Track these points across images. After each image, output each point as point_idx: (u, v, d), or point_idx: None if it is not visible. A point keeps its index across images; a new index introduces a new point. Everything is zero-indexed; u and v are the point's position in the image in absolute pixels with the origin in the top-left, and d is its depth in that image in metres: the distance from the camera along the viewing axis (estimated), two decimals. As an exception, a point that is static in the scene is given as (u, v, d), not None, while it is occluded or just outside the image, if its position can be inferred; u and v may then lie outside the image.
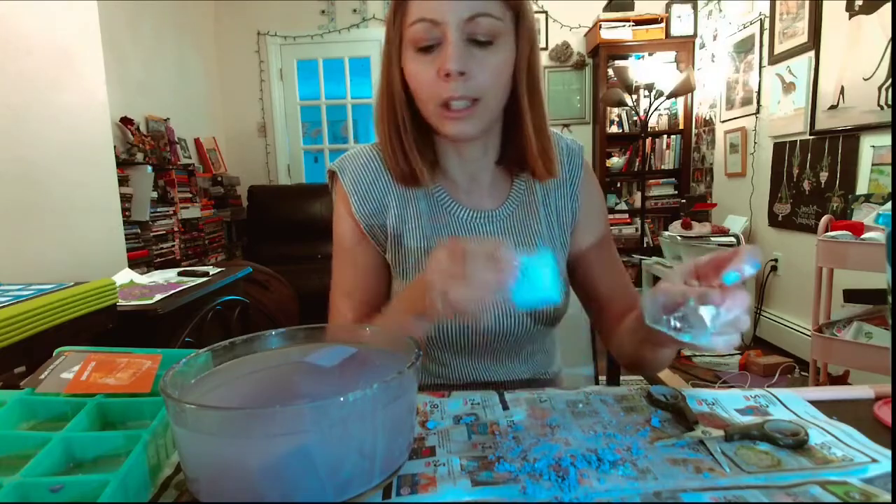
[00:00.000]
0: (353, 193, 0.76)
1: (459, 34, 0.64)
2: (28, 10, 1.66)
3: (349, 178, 0.77)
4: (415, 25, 0.65)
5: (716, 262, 0.49)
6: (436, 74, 0.65)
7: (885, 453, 0.44)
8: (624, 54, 3.74)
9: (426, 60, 0.66)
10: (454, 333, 0.74)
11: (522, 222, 0.80)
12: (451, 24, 0.63)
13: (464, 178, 0.79)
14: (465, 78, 0.64)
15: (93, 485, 0.39)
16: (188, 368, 0.47)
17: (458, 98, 0.65)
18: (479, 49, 0.65)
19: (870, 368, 1.70)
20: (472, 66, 0.65)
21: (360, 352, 0.52)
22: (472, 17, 0.64)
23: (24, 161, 1.63)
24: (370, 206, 0.76)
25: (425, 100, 0.68)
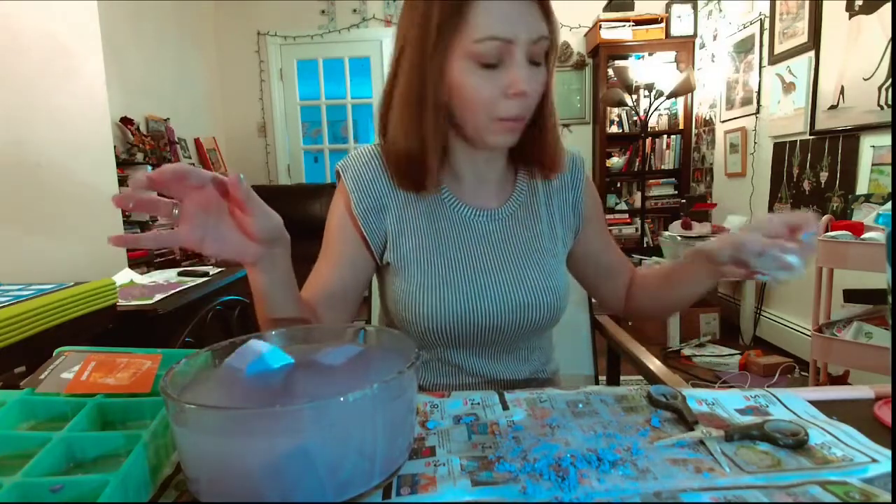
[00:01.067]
0: (354, 191, 0.77)
1: (524, 56, 0.67)
2: (28, 9, 1.66)
3: (350, 175, 0.78)
4: (485, 43, 0.65)
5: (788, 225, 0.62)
6: (499, 91, 0.67)
7: (885, 453, 0.44)
8: (624, 54, 3.74)
9: (489, 76, 0.67)
10: (454, 327, 0.74)
11: (524, 222, 0.81)
12: (521, 45, 0.66)
13: (472, 178, 0.80)
14: (525, 97, 0.68)
15: (93, 485, 0.39)
16: (188, 368, 0.47)
17: (516, 116, 0.69)
18: (535, 67, 0.69)
19: (870, 368, 1.70)
20: (532, 85, 0.68)
21: (364, 351, 0.52)
22: (537, 40, 0.67)
23: (23, 161, 1.63)
24: (369, 202, 0.77)
25: (479, 113, 0.69)
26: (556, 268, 0.81)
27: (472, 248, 0.78)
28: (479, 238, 0.79)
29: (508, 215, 0.81)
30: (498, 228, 0.80)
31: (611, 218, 3.92)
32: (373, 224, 0.77)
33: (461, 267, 0.76)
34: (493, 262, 0.78)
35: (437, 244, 0.77)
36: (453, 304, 0.74)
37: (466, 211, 0.79)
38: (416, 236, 0.77)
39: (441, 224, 0.78)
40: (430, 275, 0.75)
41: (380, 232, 0.78)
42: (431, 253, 0.76)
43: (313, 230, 3.92)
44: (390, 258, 0.78)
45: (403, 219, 0.78)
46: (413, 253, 0.76)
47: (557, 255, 0.82)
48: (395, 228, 0.77)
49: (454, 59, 0.67)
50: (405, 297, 0.75)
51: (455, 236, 0.78)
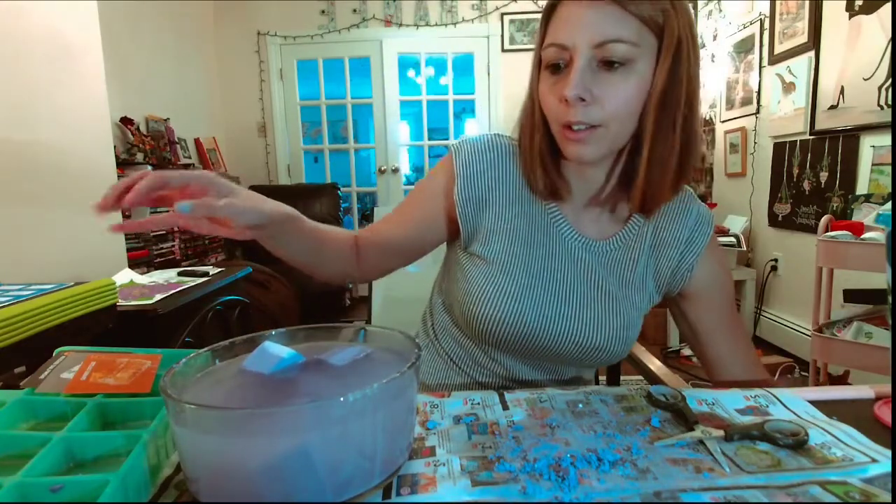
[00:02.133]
0: (461, 176, 0.76)
1: (586, 60, 0.62)
2: (28, 9, 1.66)
3: (462, 159, 0.77)
4: (548, 49, 0.65)
5: None
6: (558, 98, 0.65)
7: (885, 453, 0.44)
8: (624, 54, 3.74)
9: (553, 82, 0.66)
10: (518, 338, 0.74)
11: (620, 263, 0.77)
12: (579, 50, 0.62)
13: (581, 200, 0.77)
14: (585, 104, 0.63)
15: (93, 485, 0.39)
16: (188, 368, 0.47)
17: (576, 123, 0.64)
18: (608, 72, 0.62)
19: (870, 368, 1.70)
20: (597, 92, 0.62)
21: (368, 351, 0.52)
22: (603, 44, 0.61)
23: (24, 161, 1.63)
24: (472, 192, 0.76)
25: (551, 120, 0.68)
26: (635, 320, 0.77)
27: (562, 271, 0.75)
28: (572, 264, 0.76)
29: (606, 252, 0.77)
30: (593, 261, 0.76)
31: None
32: (470, 214, 0.76)
33: (545, 286, 0.74)
34: (578, 293, 0.75)
35: (527, 254, 0.75)
36: (526, 318, 0.72)
37: (568, 231, 0.76)
38: (509, 239, 0.75)
39: (538, 236, 0.76)
40: (511, 281, 0.73)
41: (474, 222, 0.77)
42: (519, 260, 0.74)
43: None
44: (480, 251, 0.76)
45: (504, 217, 0.76)
46: (502, 255, 0.75)
47: (639, 308, 0.78)
48: (491, 225, 0.76)
49: (542, 70, 0.69)
50: (479, 293, 0.74)
51: (548, 253, 0.76)
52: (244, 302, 1.92)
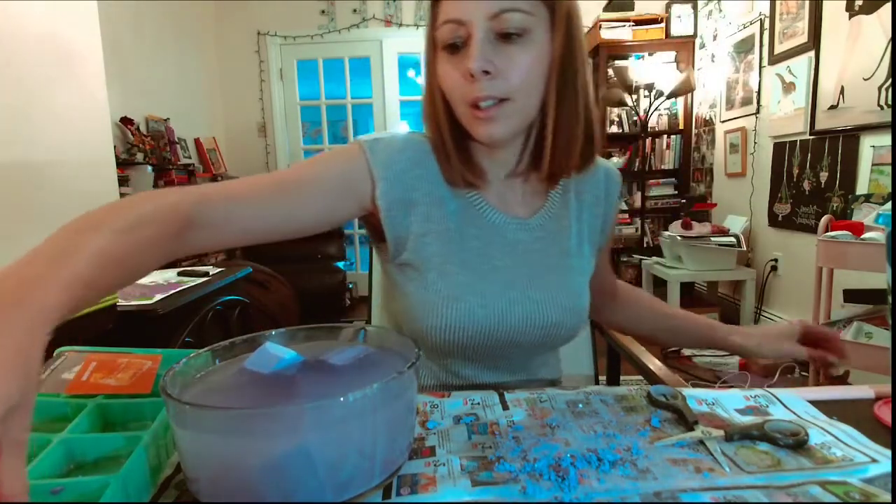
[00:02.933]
0: (383, 179, 0.69)
1: (484, 32, 0.62)
2: (28, 9, 1.66)
3: (381, 160, 0.69)
4: (443, 27, 0.64)
5: None
6: (462, 74, 0.63)
7: (885, 453, 0.44)
8: (624, 54, 3.74)
9: (454, 61, 0.65)
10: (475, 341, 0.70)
11: (555, 236, 0.76)
12: (476, 22, 0.62)
13: (498, 182, 0.75)
14: (490, 77, 0.62)
15: (93, 486, 0.39)
16: (188, 368, 0.47)
17: (484, 98, 0.62)
18: (507, 44, 0.62)
19: (870, 368, 1.70)
20: (499, 64, 0.62)
21: (368, 352, 0.52)
22: (498, 14, 0.61)
23: (24, 161, 1.63)
24: (395, 195, 0.69)
25: (456, 101, 0.66)
26: (582, 287, 0.77)
27: (501, 259, 0.73)
28: (509, 248, 0.73)
29: (538, 226, 0.76)
30: (528, 240, 0.75)
31: (611, 218, 3.91)
32: (396, 219, 0.70)
33: (488, 278, 0.71)
34: (522, 275, 0.72)
35: (462, 250, 0.71)
36: (477, 316, 0.68)
37: (496, 217, 0.74)
38: (441, 239, 0.71)
39: (469, 230, 0.72)
40: (452, 283, 0.69)
41: (402, 227, 0.71)
42: (456, 259, 0.70)
43: (313, 230, 3.81)
44: (411, 258, 0.71)
45: (431, 218, 0.71)
46: (436, 257, 0.70)
47: (584, 274, 0.78)
48: (420, 227, 0.71)
49: (437, 51, 0.67)
50: (422, 305, 0.70)
51: (483, 244, 0.72)
52: (244, 302, 1.92)
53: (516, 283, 0.72)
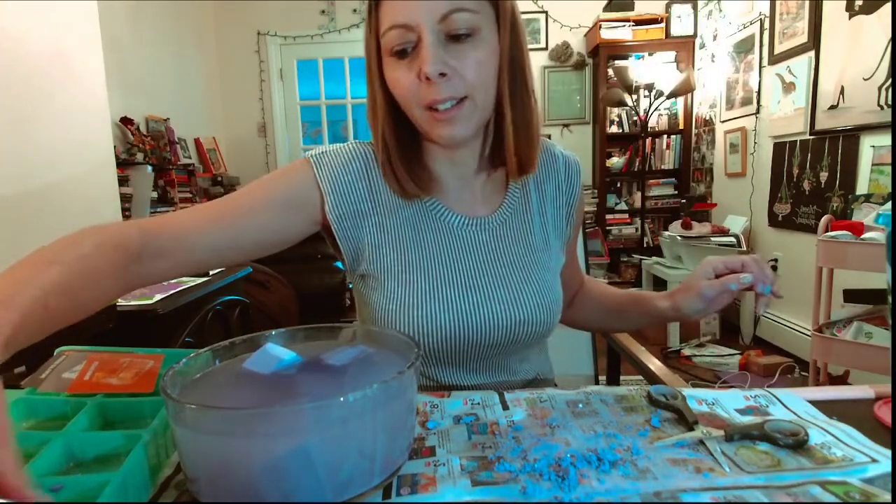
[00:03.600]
0: (331, 193, 0.69)
1: (435, 35, 0.61)
2: (28, 10, 1.66)
3: (327, 174, 0.70)
4: (389, 33, 0.63)
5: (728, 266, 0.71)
6: (416, 78, 0.62)
7: (885, 453, 0.44)
8: (624, 54, 3.74)
9: (404, 65, 0.63)
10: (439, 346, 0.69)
11: (517, 231, 0.76)
12: (425, 26, 0.61)
13: (455, 183, 0.74)
14: (446, 78, 0.62)
15: (92, 484, 0.39)
16: (188, 368, 0.47)
17: (443, 100, 0.62)
18: (458, 45, 0.62)
19: (870, 368, 1.70)
20: (454, 63, 0.62)
21: (368, 352, 0.52)
22: (446, 16, 0.61)
23: (24, 161, 1.63)
24: (346, 208, 0.70)
25: (411, 106, 0.65)
26: (551, 282, 0.75)
27: (461, 260, 0.72)
28: (469, 249, 0.73)
29: (499, 224, 0.75)
30: (489, 239, 0.74)
31: (611, 218, 3.92)
32: (348, 230, 0.71)
33: (448, 281, 0.70)
34: (484, 275, 0.72)
35: (420, 256, 0.71)
36: (440, 321, 0.68)
37: (454, 219, 0.73)
38: (397, 248, 0.71)
39: (426, 235, 0.72)
40: (412, 291, 0.69)
41: (355, 240, 0.71)
42: (414, 266, 0.70)
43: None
44: (369, 269, 0.71)
45: (385, 228, 0.71)
46: (395, 266, 0.70)
47: (552, 269, 0.77)
48: (374, 238, 0.71)
49: (382, 57, 0.66)
50: (384, 315, 0.70)
51: (441, 248, 0.72)
52: (244, 302, 1.92)
53: (479, 284, 0.71)
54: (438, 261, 0.71)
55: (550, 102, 3.99)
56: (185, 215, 0.63)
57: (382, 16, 0.64)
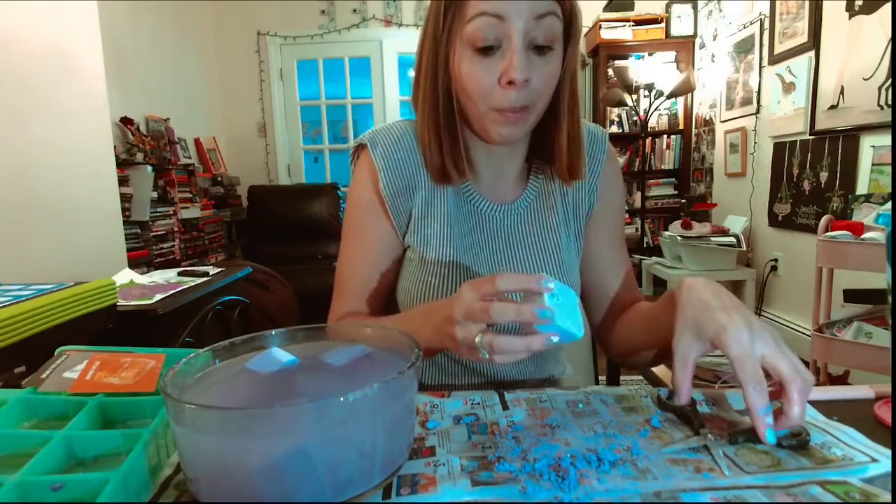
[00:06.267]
0: (383, 170, 0.73)
1: (523, 38, 0.61)
2: (28, 10, 1.66)
3: (380, 152, 0.74)
4: (475, 20, 0.61)
5: None
6: (495, 80, 0.63)
7: (885, 453, 0.44)
8: (624, 54, 3.74)
9: (485, 64, 0.63)
10: None
11: (540, 213, 0.78)
12: (517, 23, 0.60)
13: (490, 172, 0.77)
14: (526, 85, 0.63)
15: (93, 483, 0.39)
16: (188, 368, 0.47)
17: (515, 107, 0.64)
18: (537, 55, 0.63)
19: (870, 368, 1.70)
20: (533, 74, 0.63)
21: (368, 351, 0.52)
22: (542, 16, 0.61)
23: (24, 161, 1.63)
24: (399, 183, 0.74)
25: (477, 102, 0.65)
26: (570, 263, 0.78)
27: (490, 243, 0.76)
28: (497, 233, 0.76)
29: (525, 208, 0.78)
30: (515, 223, 0.77)
31: (611, 218, 3.91)
32: (400, 206, 0.74)
33: (479, 261, 0.74)
34: (510, 257, 0.76)
35: (458, 235, 0.74)
36: None
37: (484, 205, 0.76)
38: (439, 223, 0.74)
39: (461, 216, 0.76)
40: (448, 266, 0.73)
41: (405, 213, 0.75)
42: (452, 243, 0.73)
43: (313, 230, 3.93)
44: (411, 241, 0.75)
45: (432, 202, 0.74)
46: (434, 239, 0.73)
47: (572, 250, 0.79)
48: (420, 211, 0.74)
49: (457, 47, 0.65)
50: (421, 287, 0.73)
51: (473, 229, 0.76)
52: (244, 302, 1.92)
53: (502, 266, 0.75)
54: (470, 241, 0.75)
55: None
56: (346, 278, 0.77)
57: (468, 5, 0.62)
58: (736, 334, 0.48)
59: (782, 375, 0.46)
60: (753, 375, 0.46)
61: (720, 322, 0.49)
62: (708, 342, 0.51)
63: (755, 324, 0.49)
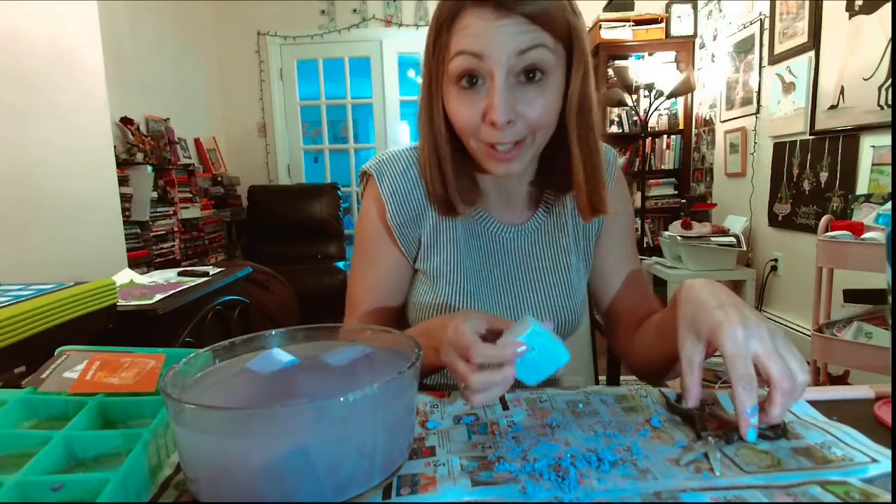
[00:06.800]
0: (391, 202, 0.73)
1: (506, 73, 0.59)
2: (28, 10, 1.66)
3: (387, 183, 0.74)
4: (456, 59, 0.60)
5: None
6: (480, 117, 0.61)
7: (885, 453, 0.44)
8: (624, 54, 3.74)
9: (469, 101, 0.61)
10: None
11: (551, 235, 0.78)
12: (498, 61, 0.58)
13: (498, 196, 0.77)
14: (512, 124, 0.60)
15: (93, 483, 0.39)
16: (188, 368, 0.47)
17: (504, 143, 0.62)
18: (528, 86, 0.60)
19: (870, 368, 1.70)
20: (521, 110, 0.60)
21: (368, 352, 0.52)
22: (525, 51, 0.58)
23: (24, 161, 1.63)
24: (407, 214, 0.74)
25: (467, 137, 0.65)
26: (578, 283, 0.78)
27: (500, 265, 0.76)
28: (507, 254, 0.77)
29: (535, 229, 0.78)
30: (525, 244, 0.77)
31: (611, 218, 3.91)
32: (408, 234, 0.75)
33: (490, 284, 0.75)
34: (520, 279, 0.76)
35: (468, 259, 0.75)
36: None
37: (495, 226, 0.77)
38: (448, 249, 0.74)
39: (471, 239, 0.76)
40: (458, 290, 0.73)
41: (414, 241, 0.76)
42: (463, 267, 0.74)
43: (314, 230, 3.94)
44: (422, 266, 0.76)
45: (440, 229, 0.75)
46: (445, 266, 0.74)
47: (580, 271, 0.79)
48: (429, 238, 0.75)
49: (445, 84, 0.64)
50: (431, 309, 0.74)
51: (483, 252, 0.76)
52: (244, 302, 1.92)
53: (514, 287, 0.76)
54: (481, 265, 0.76)
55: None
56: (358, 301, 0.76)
57: (454, 38, 0.60)
58: (730, 332, 0.48)
59: (770, 376, 0.46)
60: (744, 375, 0.46)
61: (716, 319, 0.49)
62: (706, 341, 0.50)
63: (751, 319, 0.49)
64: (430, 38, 0.64)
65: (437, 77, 0.65)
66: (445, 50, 0.62)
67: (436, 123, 0.67)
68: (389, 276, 0.77)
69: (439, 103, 0.66)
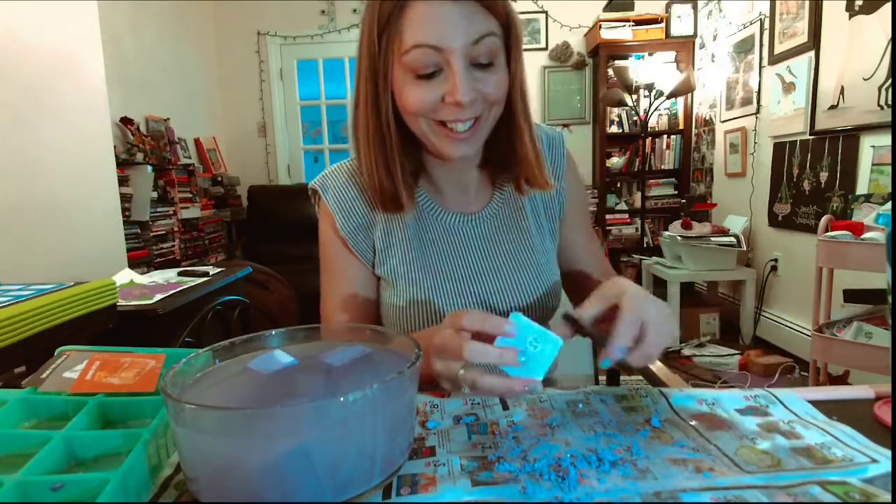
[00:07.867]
0: (338, 212, 0.75)
1: (464, 60, 0.61)
2: (28, 10, 1.66)
3: (332, 195, 0.76)
4: (413, 51, 0.61)
5: None
6: (440, 100, 0.63)
7: (885, 453, 0.44)
8: (624, 54, 3.74)
9: (428, 87, 0.63)
10: None
11: (510, 221, 0.79)
12: (456, 50, 0.60)
13: (449, 185, 0.78)
14: (472, 102, 0.63)
15: (93, 483, 0.39)
16: (188, 368, 0.47)
17: (464, 120, 0.64)
18: (481, 71, 0.63)
19: (870, 368, 1.70)
20: (479, 87, 0.63)
21: (368, 352, 0.52)
22: (478, 40, 0.61)
23: (24, 161, 1.63)
24: (356, 221, 0.76)
25: (419, 119, 0.66)
26: (546, 265, 0.79)
27: (460, 256, 0.76)
28: (467, 244, 0.77)
29: (492, 216, 0.79)
30: (483, 232, 0.78)
31: (611, 218, 3.92)
32: (362, 242, 0.76)
33: (450, 277, 0.75)
34: (483, 267, 0.76)
35: (424, 256, 0.76)
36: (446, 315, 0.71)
37: (451, 218, 0.77)
38: (402, 249, 0.75)
39: (426, 234, 0.76)
40: (419, 288, 0.74)
41: (369, 247, 0.77)
42: (419, 265, 0.75)
43: (314, 230, 3.90)
44: (380, 271, 0.77)
45: (390, 232, 0.76)
46: (401, 267, 0.75)
47: (547, 252, 0.80)
48: (382, 243, 0.76)
49: (397, 72, 0.64)
50: (395, 312, 0.75)
51: (441, 246, 0.77)
52: (244, 302, 1.92)
53: (479, 276, 0.76)
54: (440, 259, 0.76)
55: (550, 102, 3.99)
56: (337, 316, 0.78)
57: (406, 32, 0.61)
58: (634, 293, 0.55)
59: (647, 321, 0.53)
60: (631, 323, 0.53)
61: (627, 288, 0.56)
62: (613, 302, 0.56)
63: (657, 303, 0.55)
64: (372, 37, 0.64)
65: (384, 72, 0.65)
66: (397, 41, 0.63)
67: (384, 116, 0.67)
68: (358, 287, 0.78)
69: (387, 95, 0.66)
